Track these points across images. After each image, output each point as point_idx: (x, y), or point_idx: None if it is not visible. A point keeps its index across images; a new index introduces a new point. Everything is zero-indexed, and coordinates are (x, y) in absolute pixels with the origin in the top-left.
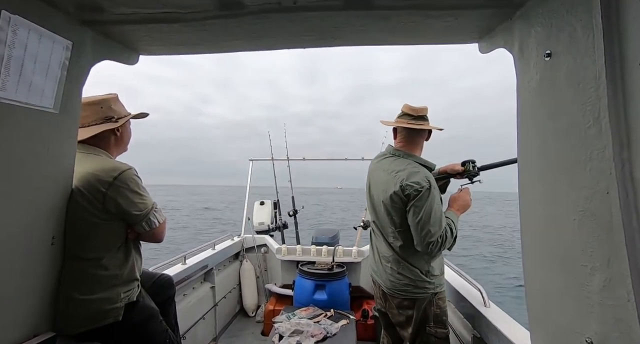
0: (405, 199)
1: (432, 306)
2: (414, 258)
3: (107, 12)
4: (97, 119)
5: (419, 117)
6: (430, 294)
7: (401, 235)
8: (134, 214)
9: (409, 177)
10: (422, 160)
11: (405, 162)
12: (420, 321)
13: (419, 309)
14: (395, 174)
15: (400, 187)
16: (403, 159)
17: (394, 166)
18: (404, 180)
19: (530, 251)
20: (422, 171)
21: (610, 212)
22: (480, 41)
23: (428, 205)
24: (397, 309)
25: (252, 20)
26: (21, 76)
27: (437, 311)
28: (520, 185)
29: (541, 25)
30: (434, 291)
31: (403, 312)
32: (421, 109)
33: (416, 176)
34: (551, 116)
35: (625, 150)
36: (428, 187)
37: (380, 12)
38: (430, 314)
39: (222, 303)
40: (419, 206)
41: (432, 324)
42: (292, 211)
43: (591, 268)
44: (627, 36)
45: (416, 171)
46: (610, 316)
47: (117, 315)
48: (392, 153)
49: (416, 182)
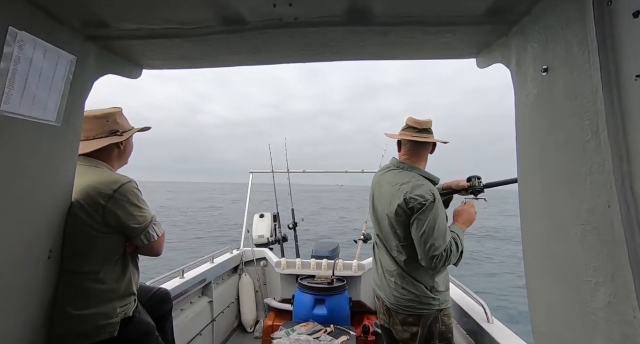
0: (409, 212)
1: (437, 323)
2: (418, 272)
3: (112, 27)
4: (102, 132)
5: (423, 130)
6: (435, 310)
7: (405, 249)
8: (133, 227)
9: (413, 190)
10: (427, 173)
11: (409, 175)
12: (425, 339)
13: (424, 326)
14: (399, 186)
15: (404, 200)
16: (407, 171)
17: (398, 179)
18: (407, 193)
19: (532, 265)
20: (427, 184)
21: (612, 226)
22: (477, 56)
23: (432, 218)
24: (401, 326)
25: (253, 35)
26: (25, 90)
27: (443, 328)
28: (520, 199)
29: (537, 40)
30: (439, 307)
31: (407, 329)
32: (425, 122)
33: (420, 189)
34: (550, 129)
35: (625, 163)
36: (432, 200)
37: (379, 28)
38: (435, 331)
39: (220, 318)
40: (423, 219)
41: (437, 341)
42: (292, 224)
43: (595, 283)
44: (621, 51)
45: (420, 183)
46: (617, 332)
47: (112, 331)
48: (397, 166)
49: (420, 195)
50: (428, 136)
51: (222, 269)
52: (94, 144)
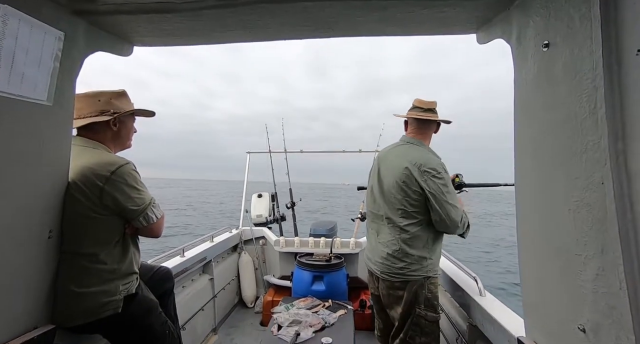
0: (422, 183)
1: (423, 289)
2: (418, 238)
3: (99, 1)
4: (92, 111)
5: (428, 109)
6: (422, 277)
7: (411, 215)
8: (132, 209)
9: (427, 163)
10: (432, 151)
11: (420, 150)
12: (410, 302)
13: (409, 291)
14: (413, 158)
15: (419, 170)
16: (417, 146)
17: (411, 152)
18: (422, 165)
19: (526, 240)
20: (438, 159)
21: (604, 202)
22: (478, 32)
23: (449, 185)
24: (387, 290)
25: (247, 10)
26: (13, 68)
27: (429, 295)
28: (516, 176)
29: (539, 15)
30: (426, 274)
31: (393, 293)
32: (430, 102)
33: (433, 162)
34: (548, 107)
35: (620, 141)
36: (445, 172)
37: (378, 3)
38: (420, 296)
39: (221, 295)
40: (441, 185)
41: (422, 306)
42: (290, 204)
43: (585, 257)
44: (624, 26)
45: (433, 157)
46: (603, 304)
47: (116, 307)
48: (407, 141)
49: (433, 168)
50: (432, 115)
51: (222, 248)
52: (83, 121)
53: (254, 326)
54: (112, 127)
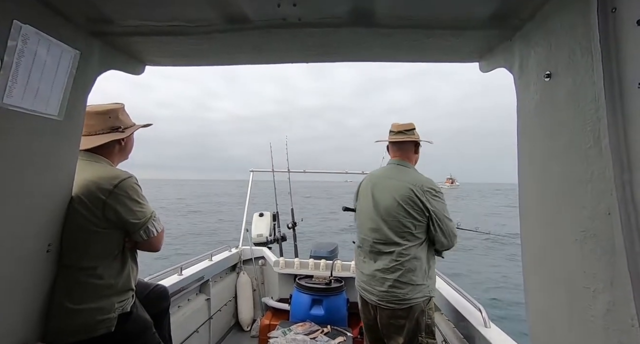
0: (425, 203)
1: (423, 316)
2: (419, 256)
3: (116, 24)
4: (104, 128)
5: (399, 132)
6: (424, 299)
7: (415, 237)
8: (133, 222)
9: (426, 183)
10: (419, 173)
11: (411, 171)
12: (412, 331)
13: (411, 319)
14: (411, 179)
15: (421, 190)
16: (407, 168)
17: (403, 173)
18: (423, 185)
19: (531, 271)
20: (431, 179)
21: (612, 233)
22: (480, 60)
23: (444, 205)
24: (388, 319)
25: (257, 34)
26: (28, 84)
27: (428, 321)
28: (520, 204)
29: (541, 46)
30: (428, 294)
31: (395, 322)
32: (403, 125)
33: (429, 182)
34: (551, 135)
35: (626, 172)
36: (439, 189)
37: (383, 30)
38: (422, 323)
39: (217, 316)
40: (441, 204)
41: (423, 334)
42: (291, 224)
43: (594, 290)
44: (625, 59)
45: (426, 177)
46: (615, 341)
47: (110, 326)
48: (397, 163)
49: (432, 188)
50: (404, 136)
51: (221, 268)
52: (96, 140)
53: None
54: (121, 142)
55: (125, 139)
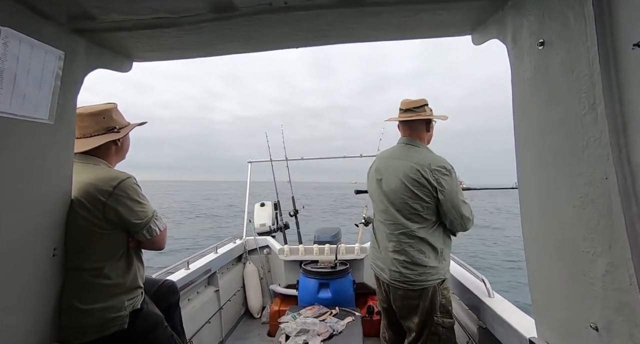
0: (433, 182)
1: (437, 296)
2: (432, 238)
3: (99, 20)
4: (99, 129)
5: (407, 110)
6: (437, 282)
7: (423, 218)
8: (135, 222)
9: (435, 162)
10: (431, 151)
11: (420, 150)
12: (427, 311)
13: (425, 299)
14: (419, 158)
15: (429, 170)
16: (417, 147)
17: (412, 152)
18: (431, 164)
19: (531, 239)
20: (440, 157)
21: (609, 197)
22: (473, 33)
23: (456, 184)
24: (402, 300)
25: (244, 22)
26: (14, 88)
27: (443, 300)
28: (518, 175)
29: (533, 14)
30: (441, 276)
31: (408, 303)
32: (411, 102)
33: (440, 160)
34: (547, 104)
35: (621, 135)
36: (452, 169)
37: (371, 9)
38: (436, 303)
39: (227, 306)
40: (451, 184)
41: (439, 313)
42: (293, 211)
43: (593, 253)
44: (618, 22)
45: (436, 156)
46: (614, 301)
47: (122, 323)
48: (405, 142)
49: (442, 166)
50: (412, 114)
51: (227, 259)
52: (92, 142)
53: (262, 337)
54: (117, 143)
55: (122, 139)
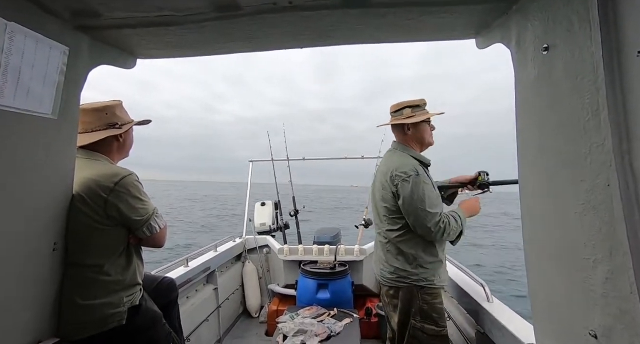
0: (394, 187)
1: (416, 299)
2: (403, 244)
3: (103, 16)
4: (101, 125)
5: (392, 113)
6: (412, 285)
7: (392, 221)
8: (135, 219)
9: (398, 168)
10: (417, 154)
11: (400, 154)
12: (404, 312)
13: (402, 299)
14: (391, 164)
15: (390, 176)
16: (399, 151)
17: (393, 157)
18: (393, 170)
19: (532, 245)
20: (410, 161)
21: (611, 204)
22: (477, 37)
23: (419, 190)
24: (384, 297)
25: (248, 21)
26: (19, 83)
27: (424, 306)
28: (520, 179)
29: (538, 19)
30: (417, 283)
31: (390, 300)
32: (392, 106)
33: (403, 166)
34: (550, 109)
35: (624, 142)
36: (415, 175)
37: (376, 10)
38: (414, 306)
39: (225, 305)
40: (407, 190)
41: (418, 318)
42: (293, 211)
43: (594, 260)
44: (623, 27)
45: (406, 162)
46: (614, 308)
47: (120, 319)
48: (394, 146)
49: (403, 172)
50: (393, 119)
51: (226, 257)
52: (93, 136)
53: (259, 336)
54: (119, 139)
55: (124, 135)
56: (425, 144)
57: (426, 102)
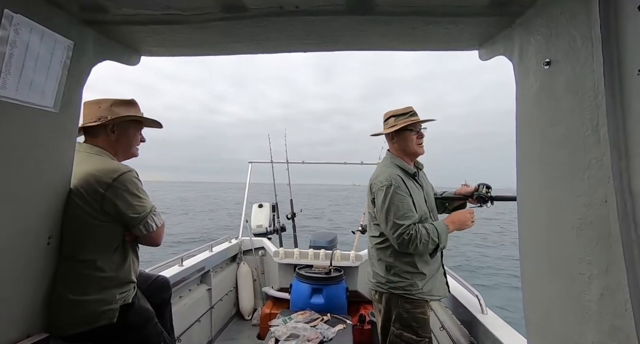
0: (372, 196)
1: (396, 307)
2: (381, 251)
3: (110, 12)
4: (93, 118)
5: (383, 123)
6: (389, 292)
7: (375, 228)
8: (132, 216)
9: (377, 176)
10: (401, 163)
11: (383, 164)
12: (386, 317)
13: (384, 304)
14: (375, 173)
15: (370, 185)
16: (386, 160)
17: (379, 167)
18: (374, 179)
19: (528, 258)
20: (390, 171)
21: (608, 220)
22: (480, 48)
23: (388, 200)
24: (374, 302)
25: (254, 23)
26: (22, 75)
27: (404, 314)
28: (519, 192)
29: (541, 33)
30: (394, 291)
31: (376, 305)
32: (384, 114)
33: (381, 176)
34: (550, 123)
35: (623, 159)
36: (388, 185)
37: (382, 18)
38: (392, 313)
39: (218, 306)
40: (379, 200)
41: (397, 325)
42: (291, 214)
43: (589, 276)
44: (625, 46)
45: (386, 171)
46: (608, 325)
47: (111, 317)
48: (385, 156)
49: (379, 181)
50: (383, 129)
51: (221, 258)
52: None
53: (251, 339)
54: (110, 133)
55: (116, 131)
56: (409, 154)
57: (413, 110)
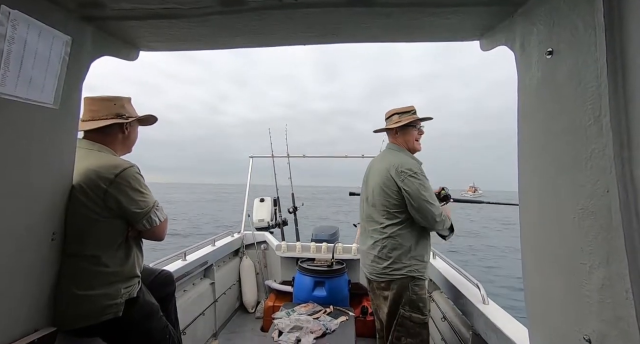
0: (400, 183)
1: (407, 291)
2: (401, 236)
3: (108, 7)
4: (108, 114)
5: (385, 120)
6: (405, 277)
7: (393, 215)
8: (135, 212)
9: (403, 165)
10: (410, 155)
11: (398, 154)
12: (394, 302)
13: (393, 290)
14: (391, 161)
15: (396, 171)
16: (396, 151)
17: (390, 156)
18: (399, 166)
19: (529, 248)
20: (413, 160)
21: (609, 211)
22: (481, 39)
23: (426, 185)
24: (374, 291)
25: (252, 16)
26: (21, 71)
27: (413, 296)
28: (520, 183)
29: (543, 23)
30: (410, 274)
31: (380, 293)
32: (386, 112)
33: (408, 163)
34: (552, 113)
35: (625, 149)
36: (421, 172)
37: (382, 9)
38: (405, 297)
39: (221, 299)
40: (416, 186)
41: (407, 307)
42: (292, 208)
43: (590, 266)
44: (629, 34)
45: (409, 159)
46: (609, 314)
47: (117, 311)
48: (389, 147)
49: (409, 169)
50: (386, 124)
51: (224, 252)
52: (99, 123)
53: (255, 332)
54: (124, 130)
55: (129, 128)
56: (410, 148)
57: (414, 109)
